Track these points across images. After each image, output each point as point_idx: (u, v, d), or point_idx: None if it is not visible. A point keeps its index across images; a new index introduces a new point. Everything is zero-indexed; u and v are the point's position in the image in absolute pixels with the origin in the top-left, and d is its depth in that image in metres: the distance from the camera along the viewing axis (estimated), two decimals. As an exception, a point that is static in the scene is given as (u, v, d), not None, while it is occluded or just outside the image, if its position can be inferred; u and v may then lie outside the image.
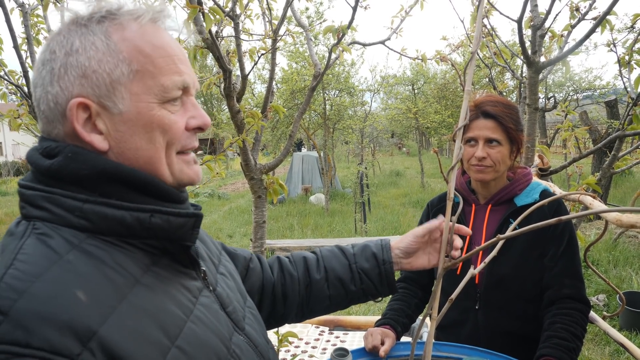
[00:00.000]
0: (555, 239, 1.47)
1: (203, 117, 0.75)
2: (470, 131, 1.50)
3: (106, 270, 0.62)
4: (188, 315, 0.69)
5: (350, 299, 1.10)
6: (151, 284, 0.67)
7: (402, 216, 9.87)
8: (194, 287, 0.74)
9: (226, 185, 18.85)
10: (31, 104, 2.27)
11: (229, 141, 2.06)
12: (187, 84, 0.73)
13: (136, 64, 0.68)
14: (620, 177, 11.47)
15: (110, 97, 0.67)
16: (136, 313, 0.61)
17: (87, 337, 0.55)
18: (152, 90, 0.69)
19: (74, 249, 0.62)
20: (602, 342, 3.97)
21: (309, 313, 1.11)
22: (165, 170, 0.72)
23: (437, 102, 15.59)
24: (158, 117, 0.69)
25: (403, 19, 2.45)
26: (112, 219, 0.65)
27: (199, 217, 0.73)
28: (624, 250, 5.94)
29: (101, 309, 0.58)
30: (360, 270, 1.07)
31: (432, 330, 1.08)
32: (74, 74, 0.66)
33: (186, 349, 0.65)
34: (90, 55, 0.66)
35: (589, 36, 1.83)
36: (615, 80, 12.76)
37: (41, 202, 0.65)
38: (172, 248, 0.72)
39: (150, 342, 0.61)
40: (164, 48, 0.71)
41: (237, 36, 2.07)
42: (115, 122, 0.68)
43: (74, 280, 0.58)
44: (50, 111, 0.67)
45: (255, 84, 12.86)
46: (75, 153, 0.66)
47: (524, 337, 1.50)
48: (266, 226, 2.34)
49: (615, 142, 2.14)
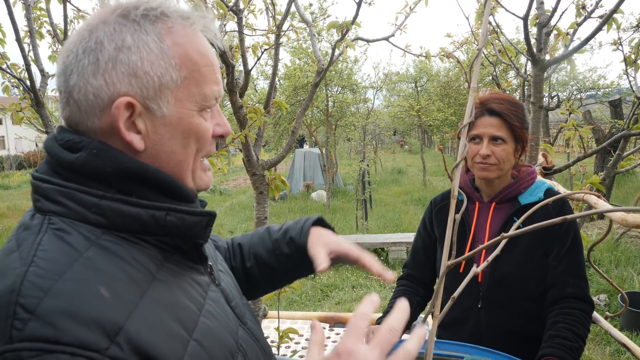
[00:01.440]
0: (559, 238, 1.46)
1: (226, 126, 0.77)
2: (475, 129, 1.49)
3: (125, 266, 0.63)
4: (200, 309, 0.70)
5: (285, 278, 1.11)
6: (166, 279, 0.67)
7: (404, 214, 9.86)
8: (203, 281, 0.76)
9: (228, 181, 18.86)
10: (33, 97, 2.27)
11: (231, 137, 2.06)
12: (221, 94, 0.75)
13: (185, 71, 0.69)
14: (622, 177, 11.43)
15: (156, 100, 0.67)
16: (156, 308, 0.62)
17: (114, 332, 0.55)
18: (195, 98, 0.70)
19: (92, 246, 0.62)
20: (603, 342, 3.96)
21: (255, 293, 1.13)
22: (189, 175, 0.73)
23: (440, 100, 15.54)
24: (196, 124, 0.71)
25: (407, 15, 2.43)
26: (128, 215, 0.65)
27: (213, 216, 0.75)
28: (625, 251, 5.92)
29: (124, 304, 0.59)
30: (282, 256, 1.05)
31: (434, 328, 1.07)
32: (123, 70, 0.65)
33: (203, 342, 0.66)
34: (143, 55, 0.66)
35: (596, 34, 1.82)
36: (620, 80, 12.70)
37: (57, 197, 0.64)
38: (185, 245, 0.73)
39: (172, 335, 0.62)
40: (208, 57, 0.72)
41: (241, 31, 2.06)
42: (156, 125, 0.68)
43: (95, 277, 0.59)
44: (88, 103, 0.66)
45: (257, 80, 12.84)
46: (100, 150, 0.65)
47: (526, 336, 1.49)
48: (268, 222, 2.33)
49: (620, 142, 2.13)
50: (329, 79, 11.61)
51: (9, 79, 2.60)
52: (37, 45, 2.38)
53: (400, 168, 19.19)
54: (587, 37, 1.81)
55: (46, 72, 2.47)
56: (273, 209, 10.78)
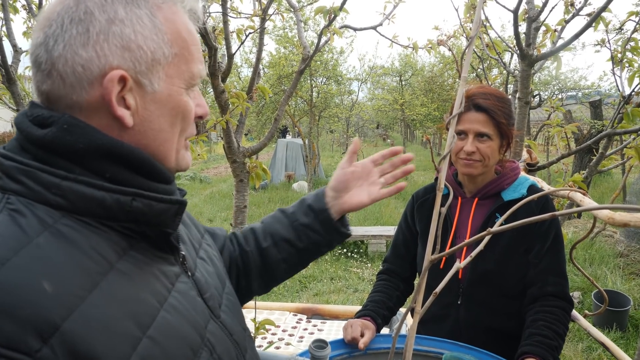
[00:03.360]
0: (541, 236, 1.45)
1: (205, 107, 0.77)
2: (460, 124, 1.45)
3: (78, 255, 0.59)
4: (162, 303, 0.66)
5: (306, 256, 1.07)
6: (127, 270, 0.64)
7: (384, 207, 9.88)
8: (171, 272, 0.72)
9: (208, 169, 18.67)
10: (4, 73, 2.17)
11: (212, 121, 2.00)
12: (204, 74, 0.75)
13: (176, 48, 0.69)
14: (598, 178, 11.65)
15: (148, 75, 0.66)
16: (107, 302, 0.58)
17: (48, 333, 0.52)
18: (183, 76, 0.70)
19: (46, 231, 0.58)
20: (576, 339, 4.03)
21: (270, 281, 1.10)
22: (173, 155, 0.72)
23: (424, 94, 15.60)
24: (184, 102, 0.71)
25: (396, 5, 2.39)
26: (91, 199, 0.62)
27: (183, 204, 0.71)
28: (599, 249, 6.04)
29: (68, 300, 0.55)
30: (301, 226, 1.03)
31: (414, 324, 1.04)
32: (116, 43, 0.63)
33: (158, 339, 0.62)
34: (137, 29, 0.64)
35: (584, 31, 1.80)
36: (600, 82, 12.92)
37: (18, 175, 0.61)
38: (152, 233, 0.69)
39: (120, 333, 0.58)
40: (194, 36, 0.72)
41: (225, 13, 1.99)
42: (146, 101, 0.67)
43: (41, 268, 0.55)
44: (75, 75, 0.62)
45: (241, 68, 12.69)
46: (71, 125, 0.62)
47: (506, 333, 1.48)
48: (247, 211, 2.29)
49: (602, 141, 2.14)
50: (314, 70, 11.53)
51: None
52: (10, 20, 2.27)
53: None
54: (576, 33, 1.80)
55: (19, 48, 2.36)
56: (253, 198, 10.70)
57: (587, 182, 1.90)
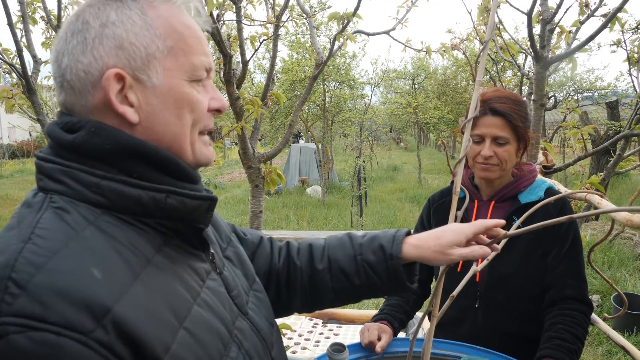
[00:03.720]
0: (559, 238, 1.44)
1: (222, 100, 0.77)
2: (476, 128, 1.45)
3: (120, 248, 0.63)
4: (195, 298, 0.69)
5: (357, 293, 1.00)
6: (162, 264, 0.67)
7: (399, 211, 9.85)
8: (202, 269, 0.75)
9: (223, 174, 18.78)
10: (25, 83, 2.22)
11: (228, 128, 2.02)
12: (211, 65, 0.75)
13: (170, 41, 0.70)
14: (616, 179, 11.47)
15: (144, 70, 0.68)
16: (149, 292, 0.62)
17: (101, 314, 0.55)
18: (184, 68, 0.71)
19: (90, 225, 0.62)
20: (595, 343, 3.97)
21: (313, 305, 1.04)
22: (188, 148, 0.73)
23: (437, 97, 15.51)
24: (188, 94, 0.71)
25: (409, 9, 2.40)
26: (128, 197, 0.65)
27: (214, 201, 0.74)
28: (618, 252, 5.94)
29: (116, 286, 0.58)
30: (365, 264, 0.96)
31: (432, 327, 1.05)
32: (109, 44, 0.66)
33: (193, 331, 0.65)
34: (128, 28, 0.67)
35: (599, 32, 1.79)
36: (617, 82, 12.71)
37: (59, 176, 0.65)
38: (185, 229, 0.72)
39: (162, 321, 0.61)
40: (194, 29, 0.73)
41: (239, 20, 2.02)
42: (147, 96, 0.68)
43: (90, 257, 0.59)
44: (80, 81, 0.67)
45: (255, 74, 12.77)
46: (98, 128, 0.66)
47: (524, 337, 1.46)
48: (262, 216, 2.30)
49: (619, 143, 2.11)
50: (327, 74, 11.56)
51: (1, 64, 2.55)
52: (29, 31, 2.33)
53: (395, 165, 19.18)
54: (591, 34, 1.79)
55: (39, 58, 2.42)
56: (267, 203, 10.74)
57: (604, 184, 1.88)
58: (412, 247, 0.95)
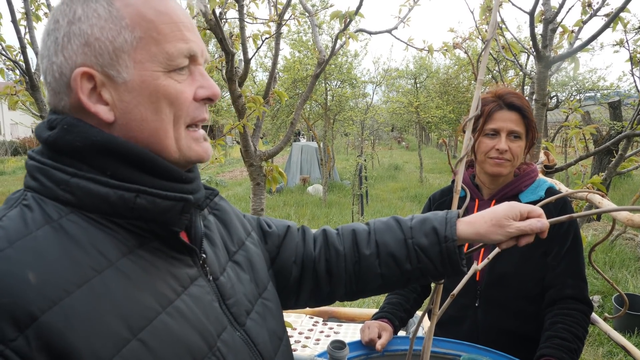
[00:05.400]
0: (559, 238, 1.44)
1: (212, 87, 0.71)
2: (492, 122, 1.45)
3: (75, 250, 0.59)
4: (165, 306, 0.64)
5: (407, 278, 0.95)
6: (127, 269, 0.62)
7: (400, 210, 9.84)
8: (185, 275, 0.69)
9: (224, 172, 18.80)
10: (28, 80, 2.23)
11: (229, 126, 2.03)
12: (194, 51, 0.69)
13: (139, 31, 0.65)
14: (619, 179, 11.45)
15: (113, 65, 0.65)
16: (94, 300, 0.57)
17: (25, 324, 0.52)
18: (157, 58, 0.66)
19: (47, 225, 0.60)
20: (596, 343, 3.97)
21: (359, 292, 0.99)
22: (172, 144, 0.68)
23: (439, 97, 15.50)
24: (163, 86, 0.66)
25: (411, 8, 2.40)
26: (96, 195, 0.63)
27: (188, 202, 0.68)
28: (620, 252, 5.93)
29: (51, 293, 0.55)
30: (417, 247, 0.91)
31: (432, 325, 1.05)
32: (77, 42, 0.64)
33: (149, 343, 0.60)
34: (93, 22, 0.64)
35: (602, 32, 1.79)
36: (619, 82, 12.69)
37: (35, 173, 0.65)
38: (161, 231, 0.67)
39: (104, 332, 0.57)
40: (169, 14, 0.68)
41: (241, 19, 2.02)
42: (120, 92, 0.65)
43: (30, 259, 0.56)
44: (56, 82, 0.66)
45: (256, 72, 12.77)
46: (70, 125, 0.64)
47: (524, 336, 1.47)
48: (264, 214, 2.31)
49: (621, 143, 2.11)
50: (329, 73, 11.55)
51: (4, 61, 2.55)
52: (33, 28, 2.33)
53: (397, 164, 19.17)
54: (594, 34, 1.79)
55: (42, 56, 2.42)
56: (269, 202, 10.74)
57: (606, 184, 1.88)
58: (466, 224, 0.91)
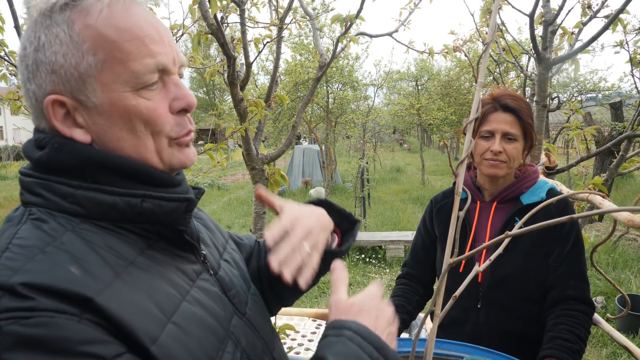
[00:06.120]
0: (561, 239, 1.44)
1: (187, 97, 0.70)
2: (487, 124, 1.46)
3: (100, 250, 0.63)
4: (184, 295, 0.69)
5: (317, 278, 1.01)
6: (145, 265, 0.66)
7: (402, 212, 9.84)
8: (191, 270, 0.75)
9: (226, 176, 18.82)
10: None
11: (231, 129, 2.03)
12: (163, 64, 0.68)
13: (102, 53, 0.64)
14: (621, 180, 11.44)
15: (82, 90, 0.65)
16: (130, 289, 0.62)
17: (82, 304, 0.56)
18: (122, 78, 0.65)
19: (68, 232, 0.62)
20: (599, 344, 3.96)
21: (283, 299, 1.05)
22: (154, 157, 0.70)
23: (441, 99, 15.50)
24: (133, 106, 0.66)
25: (411, 11, 2.41)
26: (104, 204, 0.65)
27: (191, 201, 0.72)
28: (623, 253, 5.92)
29: (95, 282, 0.58)
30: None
31: (434, 327, 1.05)
32: (44, 70, 0.64)
33: (183, 325, 0.65)
34: (56, 49, 0.64)
35: (602, 33, 1.80)
36: (621, 83, 12.67)
37: (37, 189, 0.65)
38: (167, 232, 0.71)
39: (146, 314, 0.61)
40: (131, 30, 0.65)
41: (243, 23, 2.03)
42: (92, 115, 0.66)
43: (67, 258, 0.59)
44: (33, 107, 0.67)
45: (258, 75, 12.80)
46: (61, 144, 0.66)
47: (526, 337, 1.47)
48: (266, 217, 2.31)
49: (622, 143, 2.11)
50: (330, 76, 11.57)
51: (7, 66, 2.57)
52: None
53: (399, 166, 19.16)
54: (593, 35, 1.79)
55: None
56: (271, 205, 10.73)
57: (607, 184, 1.88)
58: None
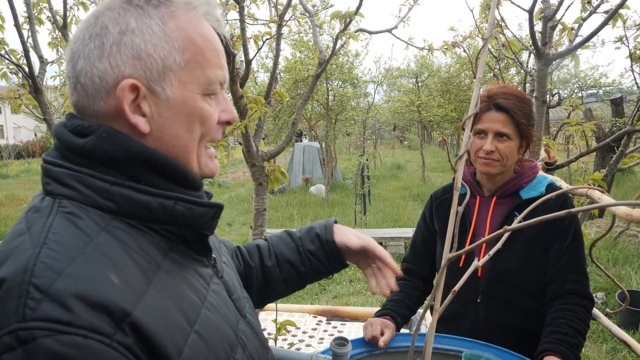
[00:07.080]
0: (560, 234, 1.45)
1: (232, 112, 0.77)
2: (480, 123, 1.47)
3: (132, 254, 0.64)
4: (203, 301, 0.70)
5: (303, 279, 1.13)
6: (170, 269, 0.68)
7: (402, 209, 9.85)
8: (206, 273, 0.76)
9: (227, 173, 18.83)
10: (31, 83, 2.24)
11: (231, 127, 2.04)
12: (226, 79, 0.75)
13: (188, 54, 0.69)
14: (621, 176, 11.43)
15: (160, 82, 0.68)
16: (161, 297, 0.63)
17: (121, 319, 0.56)
18: (199, 81, 0.70)
19: (102, 231, 0.63)
20: (600, 340, 3.97)
21: (267, 298, 1.15)
22: (194, 160, 0.73)
23: (441, 95, 15.49)
24: (200, 107, 0.71)
25: (411, 7, 2.41)
26: (137, 202, 0.66)
27: (220, 208, 0.75)
28: (623, 249, 5.93)
29: (133, 291, 0.59)
30: (307, 252, 1.10)
31: (434, 321, 1.06)
32: (127, 53, 0.66)
33: (203, 334, 0.66)
34: (147, 38, 0.67)
35: (601, 29, 1.79)
36: (622, 78, 12.66)
37: (69, 181, 0.65)
38: (190, 235, 0.73)
39: (175, 325, 0.62)
40: (212, 42, 0.72)
41: (242, 20, 2.03)
42: (160, 107, 0.68)
43: (106, 263, 0.60)
44: (94, 86, 0.67)
45: (258, 73, 12.78)
46: (109, 134, 0.66)
47: (525, 332, 1.48)
48: (267, 214, 2.32)
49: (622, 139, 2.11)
50: (330, 73, 11.56)
51: (8, 65, 2.58)
52: (36, 32, 2.35)
53: (399, 163, 19.16)
54: (592, 31, 1.79)
55: (45, 59, 2.44)
56: (271, 202, 10.76)
57: (607, 180, 1.89)
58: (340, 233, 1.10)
